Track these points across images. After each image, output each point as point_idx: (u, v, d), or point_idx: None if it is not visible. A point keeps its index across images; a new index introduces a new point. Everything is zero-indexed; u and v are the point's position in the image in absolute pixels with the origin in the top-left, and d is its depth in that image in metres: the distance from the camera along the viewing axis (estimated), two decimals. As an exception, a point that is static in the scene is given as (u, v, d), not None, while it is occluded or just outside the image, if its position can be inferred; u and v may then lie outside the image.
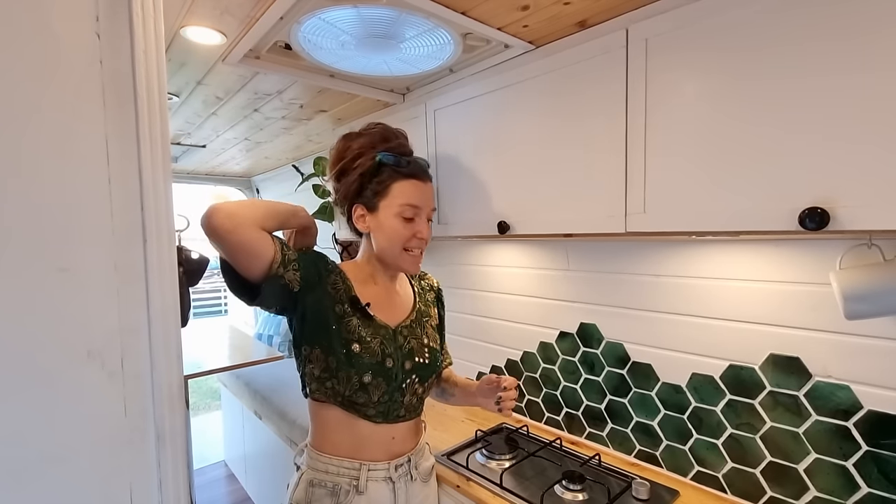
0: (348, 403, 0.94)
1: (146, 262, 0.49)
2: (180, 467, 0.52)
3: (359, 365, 0.92)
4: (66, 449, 0.46)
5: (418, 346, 1.02)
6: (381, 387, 0.94)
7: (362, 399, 0.94)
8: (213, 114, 1.66)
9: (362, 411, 0.95)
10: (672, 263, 1.23)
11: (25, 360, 0.43)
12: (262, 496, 2.49)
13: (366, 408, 0.95)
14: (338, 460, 0.95)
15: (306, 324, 0.93)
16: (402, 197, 0.95)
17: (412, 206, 0.95)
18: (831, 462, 1.00)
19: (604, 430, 1.43)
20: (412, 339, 1.01)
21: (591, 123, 1.02)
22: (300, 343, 0.96)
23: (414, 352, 1.01)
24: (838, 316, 0.96)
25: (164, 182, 0.50)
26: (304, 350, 0.95)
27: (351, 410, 0.95)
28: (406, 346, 1.00)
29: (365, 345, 0.93)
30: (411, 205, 0.95)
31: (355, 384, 0.92)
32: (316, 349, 0.93)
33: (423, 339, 1.05)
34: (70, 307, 0.45)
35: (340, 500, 0.94)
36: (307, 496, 0.95)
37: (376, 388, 0.94)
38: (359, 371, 0.92)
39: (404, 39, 1.10)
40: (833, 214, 0.70)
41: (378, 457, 0.97)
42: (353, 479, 0.95)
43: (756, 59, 0.78)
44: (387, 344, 0.96)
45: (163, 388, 0.51)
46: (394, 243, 0.96)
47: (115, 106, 0.48)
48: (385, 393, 0.95)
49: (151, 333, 0.49)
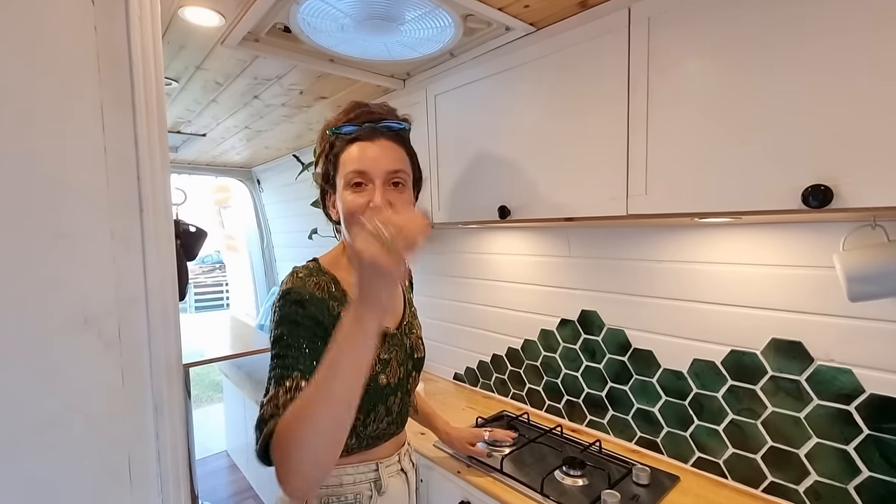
0: (373, 440, 0.87)
1: (143, 232, 0.49)
2: (179, 439, 0.52)
3: (388, 392, 0.85)
4: (62, 418, 0.45)
5: (416, 341, 0.97)
6: (398, 397, 0.89)
7: (385, 425, 0.87)
8: (212, 100, 1.66)
9: (384, 437, 0.89)
10: (673, 249, 1.22)
11: (22, 323, 0.43)
12: (264, 485, 2.50)
13: (386, 432, 0.89)
14: (353, 467, 0.86)
15: None
16: (347, 165, 0.81)
17: (356, 171, 0.80)
18: (832, 446, 0.99)
19: (604, 417, 1.42)
20: (411, 335, 0.95)
21: (593, 105, 1.01)
22: None
23: (414, 348, 0.95)
24: (840, 299, 0.96)
25: (161, 152, 0.50)
26: None
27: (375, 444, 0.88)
28: (409, 346, 0.93)
29: (389, 368, 0.85)
30: (355, 171, 0.80)
31: (381, 414, 0.85)
32: None
33: (416, 330, 0.99)
34: (67, 273, 0.45)
35: None
36: None
37: (395, 401, 0.88)
38: (385, 398, 0.84)
39: (404, 21, 1.09)
40: (836, 192, 0.69)
41: (388, 452, 0.92)
42: (373, 481, 0.87)
43: (759, 35, 0.77)
44: (399, 351, 0.89)
45: (160, 360, 0.50)
46: (347, 219, 0.81)
47: (109, 73, 0.47)
48: (400, 403, 0.90)
49: (149, 303, 0.49)
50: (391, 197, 0.81)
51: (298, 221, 2.94)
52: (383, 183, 0.80)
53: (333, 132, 0.85)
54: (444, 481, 1.26)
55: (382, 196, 0.79)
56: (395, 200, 0.81)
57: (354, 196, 0.80)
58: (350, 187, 0.81)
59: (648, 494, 1.11)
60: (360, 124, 0.84)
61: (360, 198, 0.80)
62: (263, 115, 1.85)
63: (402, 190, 0.83)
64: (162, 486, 0.51)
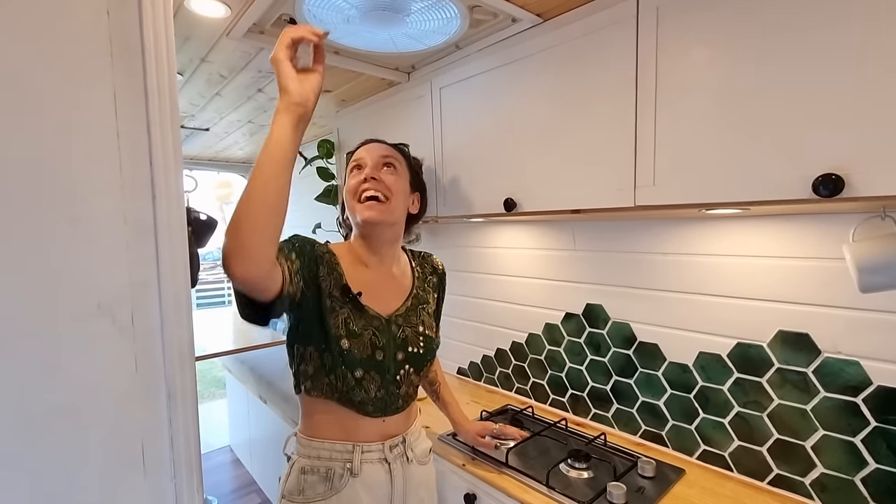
0: (346, 400, 0.92)
1: (155, 218, 0.49)
2: (191, 427, 0.52)
3: (350, 361, 0.89)
4: (77, 403, 0.46)
5: (413, 335, 0.99)
6: (376, 380, 0.92)
7: (359, 397, 0.91)
8: (216, 94, 1.65)
9: (361, 408, 0.92)
10: (680, 241, 1.22)
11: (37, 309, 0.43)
12: (267, 479, 2.51)
13: (364, 405, 0.92)
14: (329, 443, 0.93)
15: (301, 323, 0.90)
16: (351, 163, 1.01)
17: (354, 160, 0.99)
18: (839, 438, 0.99)
19: (609, 410, 1.43)
20: (406, 328, 0.98)
21: (600, 97, 1.00)
22: (293, 342, 0.94)
23: (408, 341, 0.97)
24: (849, 291, 0.96)
25: (173, 138, 0.50)
26: (298, 349, 0.93)
27: (348, 405, 0.92)
28: (399, 336, 0.96)
29: (355, 339, 0.90)
30: (353, 160, 0.99)
31: (350, 381, 0.90)
32: (309, 347, 0.91)
33: (419, 326, 1.01)
34: (81, 258, 0.45)
35: (334, 485, 0.91)
36: (299, 484, 0.92)
37: (371, 382, 0.92)
38: (350, 367, 0.89)
39: (410, 13, 1.09)
40: (848, 181, 0.69)
41: (370, 438, 0.95)
42: (346, 461, 0.92)
43: (770, 23, 0.76)
44: (379, 335, 0.93)
45: (173, 346, 0.50)
46: (347, 198, 0.97)
47: (122, 58, 0.47)
48: (381, 388, 0.93)
49: (161, 290, 0.49)
50: (382, 174, 0.96)
51: (301, 216, 2.94)
52: (374, 164, 0.96)
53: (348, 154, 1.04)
54: (449, 474, 1.26)
55: (372, 168, 0.95)
56: (387, 177, 0.96)
57: (352, 178, 0.97)
58: (349, 175, 0.98)
59: (654, 487, 1.11)
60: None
61: (355, 179, 0.96)
62: (267, 108, 1.85)
63: (393, 171, 0.98)
64: (175, 472, 0.51)
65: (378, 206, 0.94)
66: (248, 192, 0.66)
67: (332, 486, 0.91)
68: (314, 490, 0.91)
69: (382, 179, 0.95)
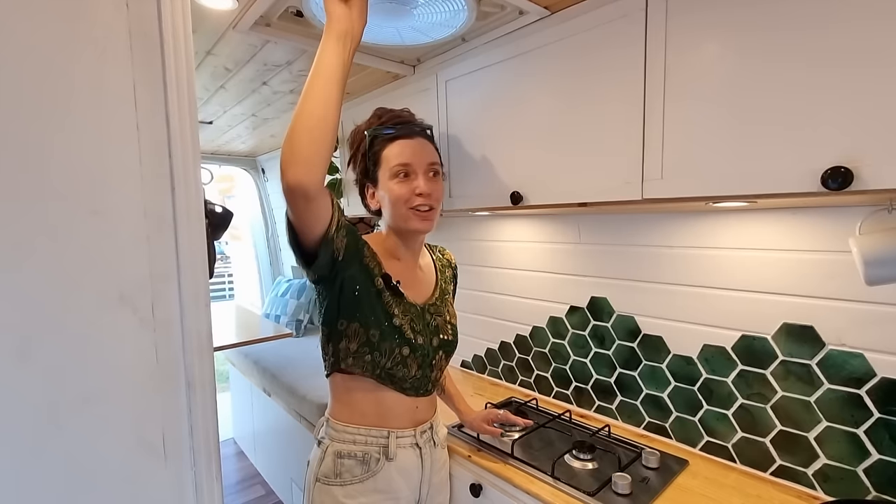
0: (386, 376, 0.96)
1: (174, 210, 0.49)
2: (210, 415, 0.53)
3: (401, 338, 0.95)
4: (100, 393, 0.46)
5: (443, 323, 1.06)
6: (417, 361, 0.98)
7: (401, 373, 0.96)
8: (221, 87, 1.65)
9: (399, 384, 0.98)
10: (685, 234, 1.23)
11: (60, 300, 0.43)
12: (272, 471, 2.53)
13: (403, 381, 0.98)
14: (365, 429, 0.97)
15: (343, 297, 0.91)
16: (391, 160, 0.96)
17: (402, 164, 0.96)
18: (842, 430, 1.00)
19: (613, 402, 1.44)
20: (437, 317, 1.05)
21: (608, 90, 1.00)
22: (335, 317, 0.94)
23: (440, 329, 1.04)
24: (854, 284, 0.96)
25: (191, 130, 0.50)
26: (340, 325, 0.93)
27: (386, 383, 0.96)
28: (433, 324, 1.03)
29: (399, 321, 0.95)
30: (401, 164, 0.96)
31: (397, 357, 0.95)
32: (354, 323, 0.92)
33: (447, 315, 1.08)
34: (102, 250, 0.45)
35: (371, 468, 0.96)
36: (336, 468, 0.95)
37: (413, 361, 0.97)
38: (400, 343, 0.94)
39: (417, 5, 1.09)
40: (857, 174, 0.69)
41: (404, 424, 1.00)
42: (381, 446, 0.97)
43: (779, 16, 0.76)
44: (416, 322, 0.99)
45: (192, 337, 0.51)
46: (397, 207, 0.96)
47: (141, 50, 0.47)
48: (420, 368, 0.99)
49: (181, 281, 0.50)
50: (431, 185, 0.97)
51: (304, 211, 2.94)
52: (424, 172, 0.97)
53: (374, 132, 1.00)
54: (454, 465, 1.27)
55: (426, 183, 0.96)
56: (434, 188, 0.98)
57: (402, 185, 0.96)
58: (396, 178, 0.96)
59: (658, 477, 1.12)
60: (393, 126, 0.99)
61: (406, 186, 0.95)
62: (271, 102, 1.84)
63: (437, 179, 1.00)
64: (195, 461, 0.52)
65: (429, 216, 0.98)
66: (300, 104, 0.73)
67: (370, 469, 0.96)
68: (351, 473, 0.95)
69: (432, 191, 0.97)
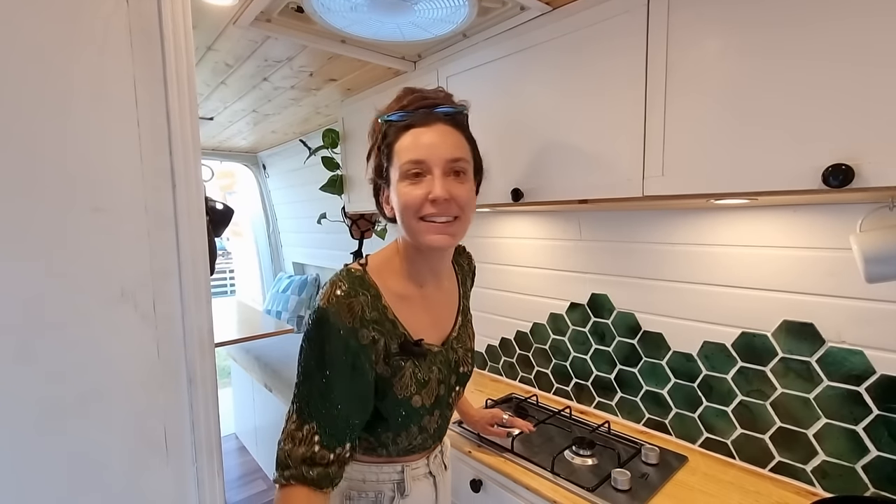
0: (404, 452, 0.86)
1: (175, 207, 0.49)
2: (211, 410, 0.53)
3: (421, 415, 0.82)
4: (102, 389, 0.47)
5: (463, 354, 0.91)
6: (436, 415, 0.86)
7: (419, 441, 0.86)
8: (221, 83, 1.65)
9: (418, 450, 0.88)
10: (685, 231, 1.23)
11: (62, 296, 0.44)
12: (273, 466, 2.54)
13: (423, 446, 0.88)
14: (377, 466, 0.86)
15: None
16: (402, 155, 0.75)
17: (413, 161, 0.73)
18: (841, 426, 1.01)
19: (613, 399, 1.44)
20: (459, 349, 0.90)
21: (609, 86, 1.00)
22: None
23: (460, 362, 0.90)
24: (854, 281, 0.96)
25: (192, 127, 0.50)
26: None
27: (402, 456, 0.87)
28: (454, 360, 0.88)
29: (424, 388, 0.81)
30: (412, 160, 0.73)
31: (414, 433, 0.84)
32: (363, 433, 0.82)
33: (467, 342, 0.93)
34: (103, 246, 0.45)
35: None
36: None
37: (431, 420, 0.86)
38: (418, 420, 0.83)
39: (418, 1, 1.08)
40: (858, 171, 0.69)
41: (417, 456, 0.90)
42: (395, 482, 0.86)
43: (782, 14, 0.76)
44: (441, 369, 0.84)
45: (193, 333, 0.51)
46: (405, 214, 0.75)
47: (142, 48, 0.47)
48: (438, 419, 0.88)
49: (182, 277, 0.50)
50: (452, 187, 0.73)
51: (305, 207, 2.94)
52: (443, 172, 0.73)
53: (384, 120, 0.78)
54: (455, 461, 1.28)
55: (443, 186, 0.72)
56: (457, 191, 0.74)
57: (412, 188, 0.73)
58: (406, 178, 0.74)
59: (657, 473, 1.13)
60: (413, 111, 0.76)
61: (417, 189, 0.73)
62: (272, 98, 1.84)
63: (463, 179, 0.76)
64: (196, 456, 0.52)
65: (449, 228, 0.75)
66: None
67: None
68: None
69: (452, 196, 0.74)
